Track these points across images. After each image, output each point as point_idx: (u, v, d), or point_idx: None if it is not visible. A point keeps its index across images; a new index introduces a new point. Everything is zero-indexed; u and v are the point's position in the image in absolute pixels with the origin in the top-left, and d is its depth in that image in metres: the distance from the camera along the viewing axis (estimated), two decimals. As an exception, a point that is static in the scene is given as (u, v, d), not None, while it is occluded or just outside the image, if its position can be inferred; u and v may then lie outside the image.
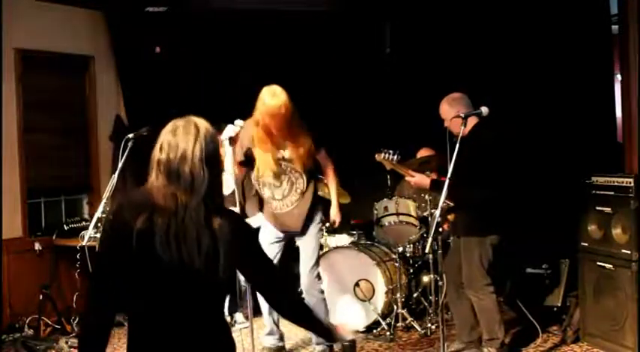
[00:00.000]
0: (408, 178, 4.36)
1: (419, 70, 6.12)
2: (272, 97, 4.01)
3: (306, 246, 4.37)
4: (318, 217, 4.37)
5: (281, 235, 4.39)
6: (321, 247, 5.35)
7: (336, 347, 4.15)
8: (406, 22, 6.25)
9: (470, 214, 4.20)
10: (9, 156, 5.30)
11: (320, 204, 4.40)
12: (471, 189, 4.04)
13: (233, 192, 5.16)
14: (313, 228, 4.36)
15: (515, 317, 5.02)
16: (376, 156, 4.30)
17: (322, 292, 4.45)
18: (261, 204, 4.54)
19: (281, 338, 4.56)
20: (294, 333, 4.82)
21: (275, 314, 4.47)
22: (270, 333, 4.50)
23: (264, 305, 4.43)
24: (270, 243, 4.34)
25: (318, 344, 4.46)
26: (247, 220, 4.94)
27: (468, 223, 4.23)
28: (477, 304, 4.26)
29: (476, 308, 4.30)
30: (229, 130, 4.01)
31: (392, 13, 6.24)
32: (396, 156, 4.32)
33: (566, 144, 5.33)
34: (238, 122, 4.06)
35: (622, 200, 4.28)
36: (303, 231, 4.35)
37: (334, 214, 4.47)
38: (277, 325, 4.51)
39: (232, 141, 4.01)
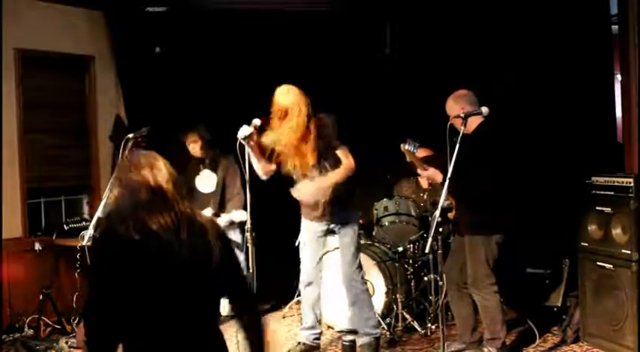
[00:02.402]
0: (420, 171, 4.34)
1: (419, 70, 6.11)
2: (283, 96, 4.07)
3: (343, 242, 4.41)
4: (354, 213, 4.40)
5: (321, 229, 4.43)
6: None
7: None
8: (406, 23, 6.25)
9: (475, 213, 4.20)
10: (9, 156, 5.30)
11: (355, 203, 4.42)
12: (475, 187, 4.04)
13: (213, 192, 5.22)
14: (349, 224, 4.37)
15: (515, 317, 5.02)
16: (401, 145, 4.30)
17: (364, 283, 4.50)
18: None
19: (319, 336, 4.57)
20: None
21: (318, 310, 4.51)
22: (310, 328, 4.51)
23: (306, 299, 4.48)
24: (311, 240, 4.42)
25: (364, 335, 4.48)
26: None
27: (473, 222, 4.23)
28: (480, 303, 4.26)
29: (479, 307, 4.29)
30: (245, 129, 3.99)
31: (392, 13, 6.24)
32: (416, 149, 4.34)
33: (566, 145, 5.33)
34: (255, 121, 4.03)
35: (622, 200, 4.28)
36: (340, 226, 4.38)
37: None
38: (319, 321, 4.54)
39: (248, 139, 3.99)
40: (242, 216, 5.04)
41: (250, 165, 4.11)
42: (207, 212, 5.12)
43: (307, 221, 4.46)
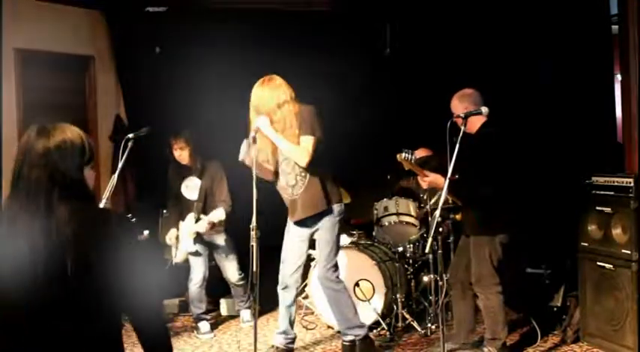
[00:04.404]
0: (422, 178, 4.33)
1: (419, 71, 6.11)
2: (256, 87, 4.06)
3: (321, 238, 4.31)
4: (337, 209, 4.24)
5: (302, 233, 4.34)
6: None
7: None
8: (406, 23, 6.25)
9: (480, 213, 4.21)
10: (9, 156, 5.29)
11: (338, 199, 4.27)
12: (478, 188, 4.05)
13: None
14: (328, 221, 4.24)
15: (515, 318, 5.03)
16: (397, 156, 4.32)
17: (339, 283, 4.35)
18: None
19: (293, 340, 4.51)
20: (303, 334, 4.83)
21: (291, 314, 4.44)
22: (283, 333, 4.46)
23: (281, 303, 4.43)
24: (292, 244, 4.35)
25: (345, 334, 4.42)
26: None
27: (478, 222, 4.23)
28: (483, 303, 4.27)
29: (482, 307, 4.30)
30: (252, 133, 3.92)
31: (392, 13, 6.24)
32: (413, 157, 4.35)
33: (566, 144, 5.33)
34: (259, 121, 3.96)
35: (622, 200, 4.28)
36: (320, 224, 4.27)
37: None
38: (292, 326, 4.47)
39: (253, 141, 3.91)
40: (220, 215, 4.97)
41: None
42: (190, 217, 5.10)
43: (290, 224, 4.38)
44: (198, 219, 5.06)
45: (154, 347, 1.98)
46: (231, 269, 5.27)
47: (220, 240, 5.20)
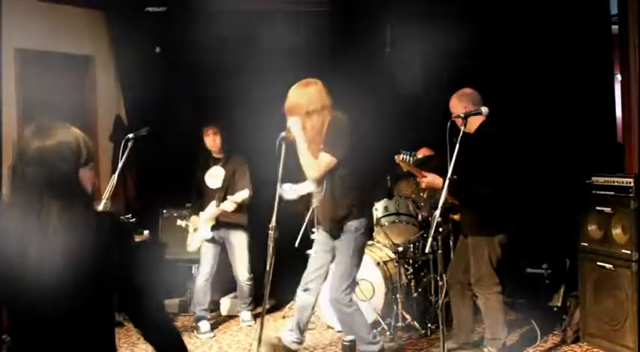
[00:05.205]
0: (420, 179, 4.33)
1: (419, 71, 6.11)
2: (293, 88, 3.99)
3: (338, 254, 4.17)
4: (354, 225, 4.04)
5: (325, 242, 4.25)
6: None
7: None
8: (406, 23, 6.24)
9: (478, 213, 4.21)
10: (9, 157, 5.30)
11: (362, 214, 4.09)
12: (477, 188, 4.05)
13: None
14: (343, 239, 4.07)
15: (515, 318, 5.03)
16: (396, 157, 4.31)
17: (351, 306, 4.12)
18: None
19: (299, 341, 4.40)
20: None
21: (304, 317, 4.33)
22: (290, 330, 4.37)
23: (297, 302, 4.35)
24: (318, 251, 4.29)
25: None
26: None
27: (476, 222, 4.24)
28: (483, 303, 4.27)
29: (481, 307, 4.30)
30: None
31: (392, 13, 6.23)
32: (412, 158, 4.35)
33: (566, 144, 5.33)
34: (291, 122, 3.90)
35: (622, 200, 4.28)
36: (337, 240, 4.13)
37: None
38: (300, 330, 4.35)
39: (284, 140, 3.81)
40: (244, 194, 5.06)
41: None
42: (212, 205, 5.13)
43: (319, 230, 4.32)
44: (217, 205, 5.12)
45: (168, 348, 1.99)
46: (242, 268, 5.27)
47: (239, 234, 5.23)
